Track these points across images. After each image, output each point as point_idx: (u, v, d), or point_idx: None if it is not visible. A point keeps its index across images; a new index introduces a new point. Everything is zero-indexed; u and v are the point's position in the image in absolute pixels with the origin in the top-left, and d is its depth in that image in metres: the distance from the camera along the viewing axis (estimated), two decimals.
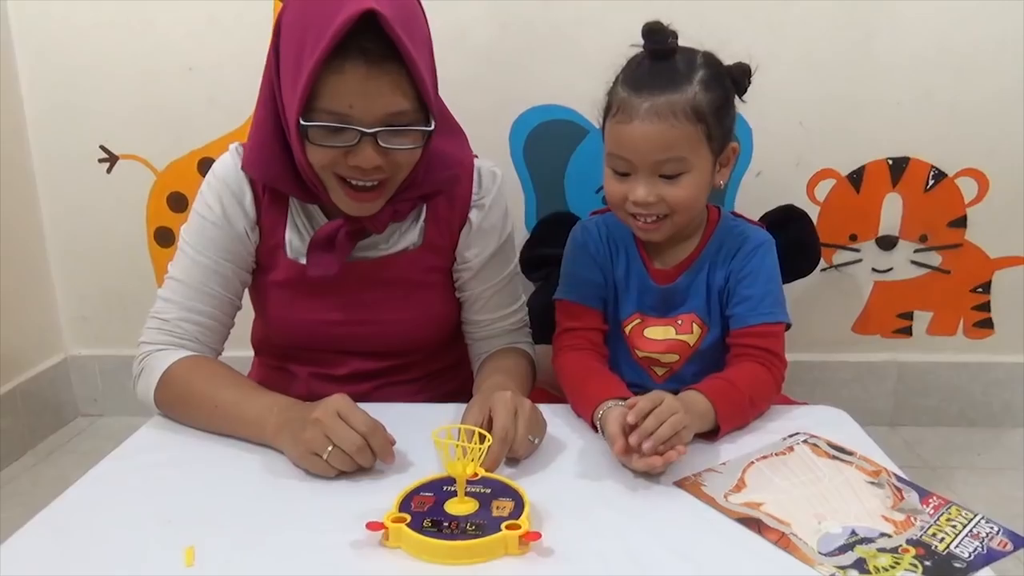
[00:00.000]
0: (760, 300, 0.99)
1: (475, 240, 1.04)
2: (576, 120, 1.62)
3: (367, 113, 0.84)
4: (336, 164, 0.87)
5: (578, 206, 1.65)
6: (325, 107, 0.84)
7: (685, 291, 1.04)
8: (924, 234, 1.69)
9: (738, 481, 0.84)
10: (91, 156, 1.75)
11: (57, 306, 1.89)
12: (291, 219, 0.99)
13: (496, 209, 1.04)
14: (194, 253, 0.98)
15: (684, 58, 0.91)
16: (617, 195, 0.95)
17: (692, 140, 0.90)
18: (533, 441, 0.84)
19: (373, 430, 0.79)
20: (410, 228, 1.01)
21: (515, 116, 1.62)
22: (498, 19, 1.57)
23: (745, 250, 1.01)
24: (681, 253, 1.04)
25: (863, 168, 1.65)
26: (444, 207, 1.02)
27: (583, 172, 1.63)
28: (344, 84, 0.82)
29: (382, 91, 0.83)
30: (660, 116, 0.87)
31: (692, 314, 1.04)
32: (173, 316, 0.97)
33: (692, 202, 0.95)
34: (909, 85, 1.59)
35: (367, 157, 0.85)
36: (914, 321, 1.76)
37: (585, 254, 1.05)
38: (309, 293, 1.00)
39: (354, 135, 0.84)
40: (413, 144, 0.89)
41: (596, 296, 1.05)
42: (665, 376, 1.07)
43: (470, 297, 1.08)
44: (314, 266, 0.96)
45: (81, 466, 0.84)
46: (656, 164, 0.91)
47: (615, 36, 1.45)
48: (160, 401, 0.95)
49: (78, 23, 1.67)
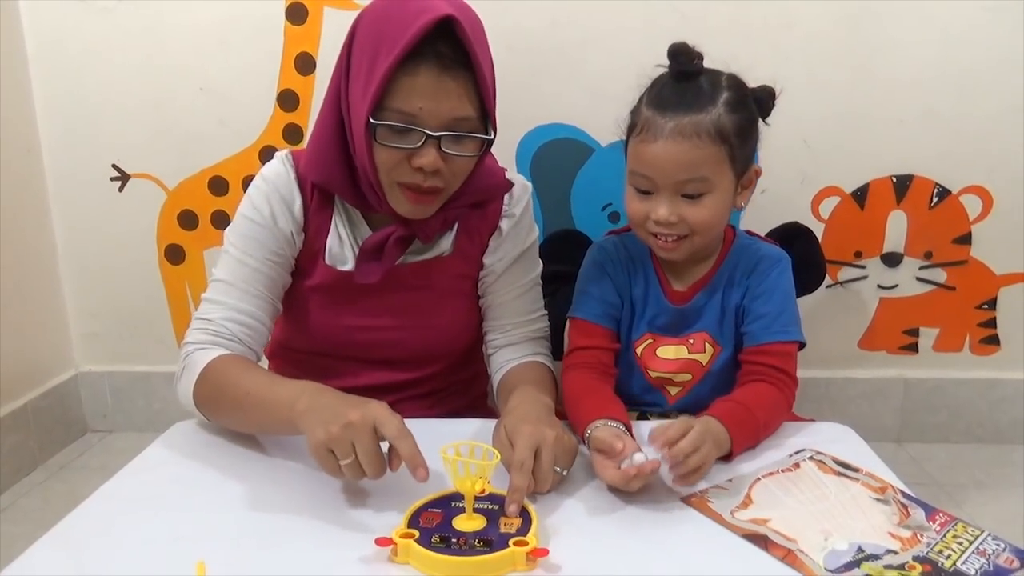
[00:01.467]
0: (775, 318, 0.98)
1: (501, 245, 1.05)
2: (581, 139, 1.62)
3: (434, 116, 0.85)
4: (399, 166, 0.88)
5: (584, 223, 1.64)
6: (396, 107, 0.85)
7: (699, 311, 1.03)
8: (929, 251, 1.68)
9: (744, 498, 0.83)
10: (103, 175, 1.76)
11: (68, 323, 1.90)
12: (334, 226, 1.00)
13: (524, 218, 1.06)
14: (240, 254, 0.97)
15: (709, 79, 0.91)
16: (639, 214, 0.95)
17: (715, 161, 0.90)
18: (561, 472, 0.81)
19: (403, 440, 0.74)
20: (443, 236, 1.02)
21: (522, 135, 1.62)
22: (505, 41, 1.55)
23: (761, 268, 1.01)
24: (697, 273, 1.03)
25: (867, 186, 1.65)
26: (476, 218, 1.03)
27: (589, 190, 1.63)
28: (416, 86, 0.84)
29: (451, 96, 0.85)
30: (684, 136, 0.88)
31: (704, 333, 1.04)
32: (218, 316, 0.96)
33: (713, 223, 0.94)
34: (912, 103, 1.59)
35: (430, 159, 0.86)
36: (920, 338, 1.76)
37: (602, 273, 1.04)
38: (342, 299, 1.01)
39: (419, 137, 0.86)
40: (473, 152, 0.90)
41: (610, 316, 1.04)
42: (679, 395, 1.06)
43: (493, 303, 1.08)
44: (362, 273, 0.97)
45: (91, 482, 0.84)
46: (679, 184, 0.91)
47: (619, 57, 1.57)
48: (198, 396, 0.92)
49: (91, 44, 1.68)
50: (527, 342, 1.09)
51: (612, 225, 1.65)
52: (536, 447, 0.77)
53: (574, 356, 1.03)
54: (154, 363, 1.85)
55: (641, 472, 0.76)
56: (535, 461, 0.77)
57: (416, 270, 1.01)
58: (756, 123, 0.95)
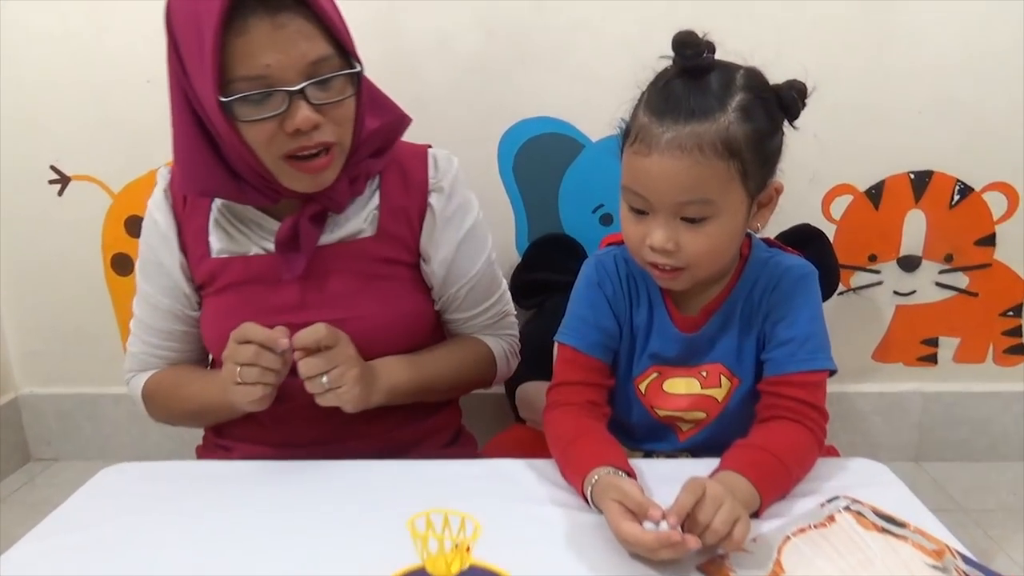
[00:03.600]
0: (802, 343, 0.87)
1: (440, 232, 0.98)
2: (570, 133, 1.54)
3: (287, 68, 0.80)
4: (274, 139, 0.83)
5: (573, 227, 1.58)
6: (241, 75, 0.80)
7: (713, 338, 0.91)
8: (949, 254, 1.61)
9: (774, 565, 0.70)
10: (41, 177, 1.66)
11: (5, 340, 1.80)
12: (213, 221, 0.96)
13: (458, 193, 0.99)
14: (145, 288, 0.99)
15: (721, 77, 0.79)
16: (634, 237, 0.83)
17: (721, 179, 0.77)
18: None
19: (265, 334, 0.83)
20: (356, 212, 0.95)
21: (503, 130, 1.54)
22: (484, 24, 1.49)
23: (784, 285, 0.89)
24: (709, 294, 0.91)
25: (883, 183, 1.57)
26: (399, 192, 0.97)
27: (578, 190, 1.56)
28: (253, 43, 0.79)
29: (294, 40, 0.80)
30: (683, 150, 0.75)
31: (719, 364, 0.91)
32: (138, 351, 1.02)
33: (716, 254, 0.82)
34: (931, 92, 1.51)
35: (304, 117, 0.81)
36: (940, 348, 1.68)
37: (599, 296, 0.92)
38: (255, 300, 0.94)
39: (281, 98, 0.81)
40: (346, 93, 0.85)
41: (605, 346, 0.92)
42: (691, 432, 0.94)
43: (444, 300, 1.02)
44: (288, 267, 0.92)
45: (31, 519, 0.78)
46: (677, 206, 0.79)
47: (612, 43, 1.49)
48: (155, 417, 1.03)
49: (25, 31, 1.56)
50: (481, 330, 1.06)
51: (604, 229, 1.58)
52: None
53: (560, 392, 0.90)
54: (102, 384, 1.75)
55: (682, 545, 0.66)
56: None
57: (335, 253, 0.95)
58: (779, 130, 0.82)
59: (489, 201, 1.45)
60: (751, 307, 0.90)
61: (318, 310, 0.93)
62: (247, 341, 0.83)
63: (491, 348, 1.06)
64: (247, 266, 0.95)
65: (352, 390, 0.85)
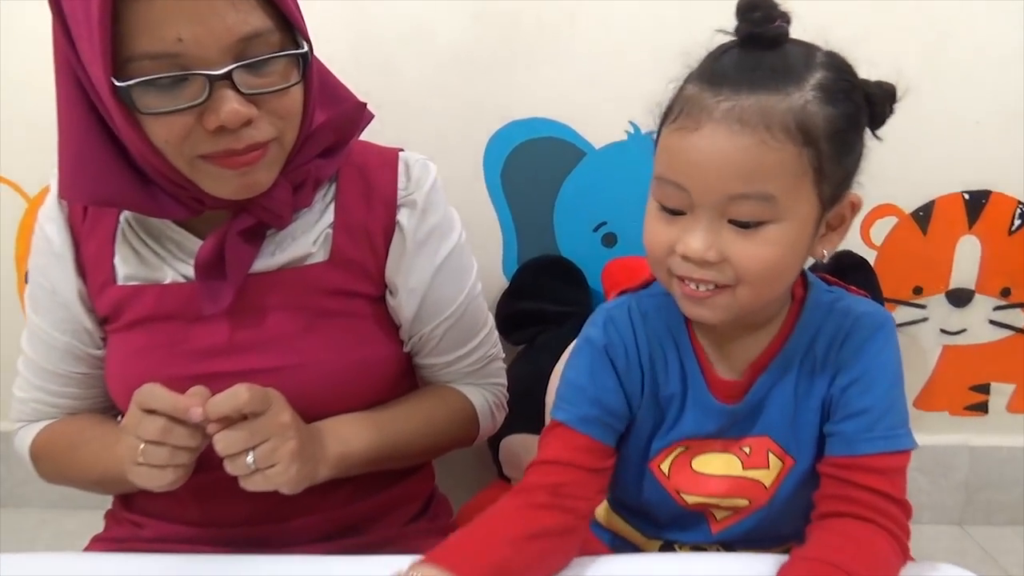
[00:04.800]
0: (880, 416, 0.73)
1: (411, 257, 0.86)
2: (569, 138, 1.45)
3: (207, 44, 0.67)
4: (190, 138, 0.70)
5: (571, 248, 1.49)
6: (143, 50, 0.66)
7: (759, 406, 0.77)
8: (1007, 287, 1.51)
9: None
10: None
11: None
12: (120, 237, 0.82)
13: (435, 208, 0.87)
14: (35, 325, 0.86)
15: (799, 50, 0.69)
16: (660, 242, 0.70)
17: (791, 171, 0.65)
18: (251, 465, 0.70)
19: (174, 403, 0.69)
20: (303, 231, 0.83)
21: (490, 133, 1.45)
22: (470, 10, 1.38)
23: (857, 337, 0.75)
24: (755, 346, 0.76)
25: (932, 204, 1.47)
26: (359, 206, 0.85)
27: (578, 205, 1.47)
28: (158, 8, 0.65)
29: (218, 7, 0.67)
30: (745, 124, 0.64)
31: (766, 438, 0.77)
32: (29, 397, 0.89)
33: (774, 271, 0.69)
34: (991, 100, 1.41)
35: (231, 111, 0.68)
36: (991, 395, 1.58)
37: (603, 365, 0.78)
38: (170, 338, 0.82)
39: (200, 85, 0.68)
40: (288, 80, 0.72)
41: (604, 425, 0.78)
42: (728, 522, 0.79)
43: (416, 342, 0.91)
44: (210, 299, 0.79)
45: None
46: (726, 201, 0.66)
47: (621, 31, 1.37)
48: (51, 481, 0.91)
49: None
50: (462, 378, 0.94)
51: (607, 251, 1.48)
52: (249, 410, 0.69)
53: (532, 474, 0.75)
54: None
55: None
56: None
57: (276, 282, 0.82)
58: (861, 130, 0.71)
59: (473, 216, 1.36)
60: (812, 365, 0.75)
61: (251, 354, 0.81)
62: (152, 411, 0.70)
63: (473, 402, 0.94)
64: (162, 296, 0.81)
65: (288, 470, 0.71)
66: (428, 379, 0.94)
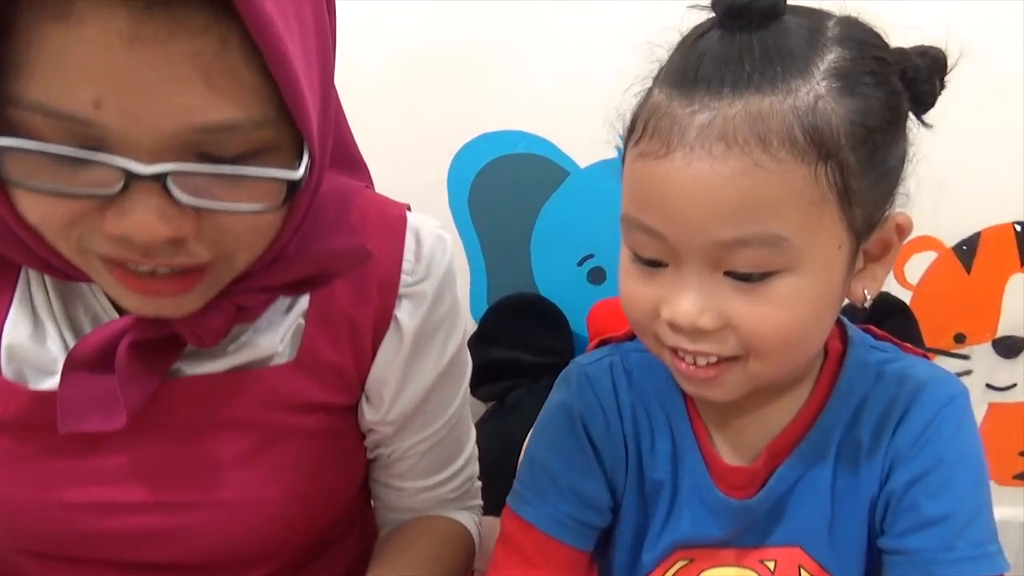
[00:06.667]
0: (964, 526, 0.61)
1: (409, 361, 0.72)
2: (549, 155, 1.37)
3: (141, 124, 0.48)
4: (79, 227, 0.52)
5: (551, 285, 1.40)
6: (37, 100, 0.47)
7: (780, 502, 0.65)
8: None
9: None
10: None
11: None
12: (20, 295, 0.65)
13: (445, 299, 0.73)
14: None
15: (800, 26, 0.55)
16: (639, 304, 0.58)
17: (803, 199, 0.53)
18: None
19: None
20: (268, 322, 0.67)
21: (456, 147, 1.37)
22: (437, 3, 1.30)
23: (919, 416, 0.63)
24: (774, 421, 0.64)
25: (977, 237, 1.40)
26: (346, 290, 0.69)
27: (559, 234, 1.39)
28: (81, 46, 0.46)
29: (182, 75, 0.47)
30: (731, 142, 0.52)
31: (797, 549, 0.66)
32: None
33: (794, 336, 0.57)
34: None
35: (145, 226, 0.49)
36: None
37: (578, 441, 0.67)
38: (56, 449, 0.65)
39: (112, 176, 0.49)
40: (257, 202, 0.53)
41: (581, 524, 0.66)
42: None
43: (389, 456, 0.77)
44: (78, 413, 0.60)
45: None
46: (718, 249, 0.54)
47: (610, 29, 1.32)
48: None
49: None
50: (440, 505, 0.80)
51: (595, 289, 1.39)
52: None
53: None
54: None
55: None
56: None
57: (214, 388, 0.65)
58: (902, 120, 0.58)
59: None
60: (856, 449, 0.63)
61: (163, 481, 0.65)
62: None
63: (469, 530, 0.82)
64: (44, 399, 0.63)
65: None
66: (391, 504, 0.80)
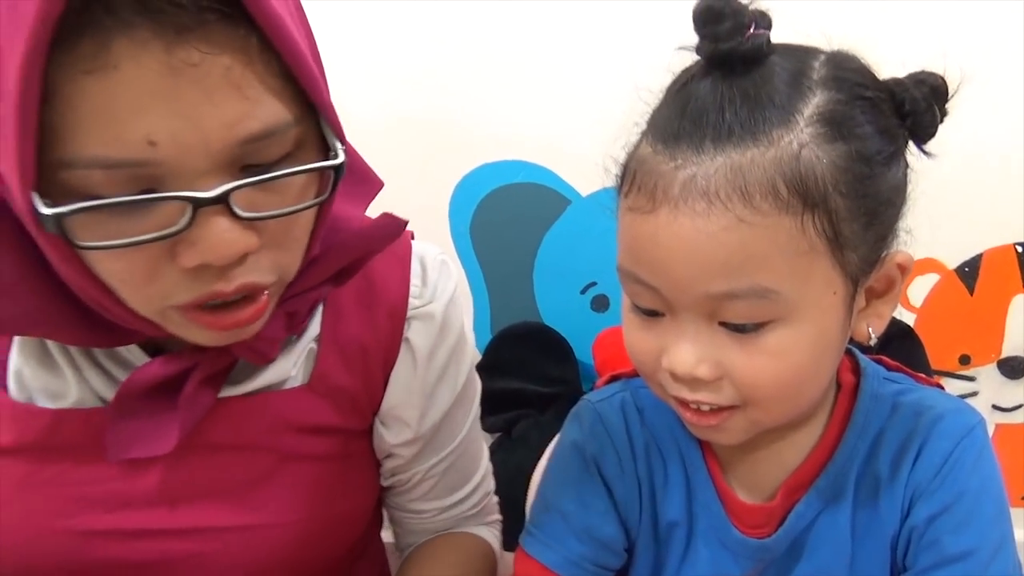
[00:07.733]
0: (989, 560, 0.62)
1: (422, 387, 0.74)
2: (551, 184, 1.37)
3: (195, 149, 0.48)
4: (160, 280, 0.53)
5: (554, 313, 1.40)
6: (92, 155, 0.47)
7: (799, 540, 0.66)
8: None
9: None
10: None
11: None
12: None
13: (453, 324, 0.76)
14: None
15: (786, 66, 0.55)
16: (643, 352, 0.60)
17: (790, 251, 0.54)
18: None
19: None
20: (286, 348, 0.69)
21: (459, 176, 1.36)
22: (433, 28, 1.29)
23: (938, 448, 0.64)
24: (789, 457, 0.65)
25: (979, 258, 1.38)
26: (356, 316, 0.71)
27: (562, 262, 1.38)
28: (125, 89, 0.45)
29: (219, 91, 0.48)
30: (713, 199, 0.52)
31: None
32: None
33: (791, 385, 0.58)
34: None
35: (222, 243, 0.50)
36: None
37: (591, 480, 0.69)
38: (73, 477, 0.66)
39: (177, 208, 0.50)
40: (304, 199, 0.55)
41: (596, 566, 0.68)
42: None
43: (408, 481, 0.79)
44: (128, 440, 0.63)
45: None
46: (710, 302, 0.56)
47: (613, 57, 1.33)
48: None
49: None
50: (458, 523, 0.82)
51: (599, 317, 1.38)
52: None
53: None
54: None
55: None
56: None
57: (231, 411, 0.67)
58: (896, 158, 0.57)
59: None
60: (875, 485, 0.64)
61: (193, 507, 0.67)
62: None
63: (491, 544, 0.83)
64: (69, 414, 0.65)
65: None
66: (412, 528, 0.81)
